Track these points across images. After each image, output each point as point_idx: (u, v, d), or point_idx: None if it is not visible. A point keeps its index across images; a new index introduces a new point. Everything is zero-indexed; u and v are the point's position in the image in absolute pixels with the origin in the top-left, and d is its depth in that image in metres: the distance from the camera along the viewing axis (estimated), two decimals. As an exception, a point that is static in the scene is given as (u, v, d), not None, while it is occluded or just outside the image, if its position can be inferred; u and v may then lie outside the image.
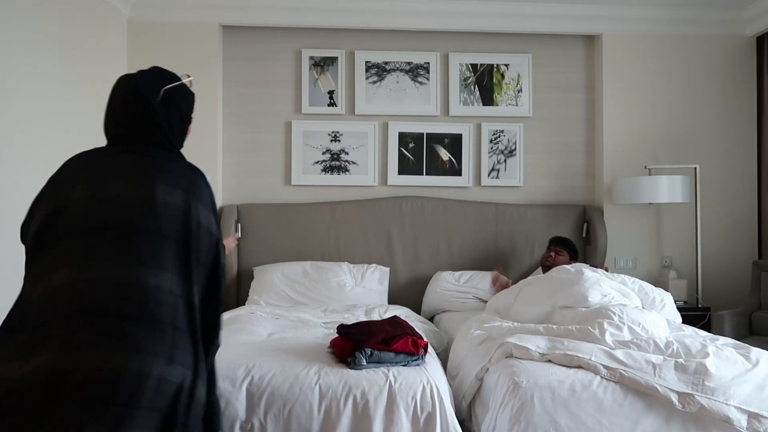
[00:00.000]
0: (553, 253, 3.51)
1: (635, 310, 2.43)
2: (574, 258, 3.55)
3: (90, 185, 1.39)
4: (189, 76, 1.60)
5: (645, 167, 3.93)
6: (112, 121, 1.50)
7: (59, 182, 1.42)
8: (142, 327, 1.26)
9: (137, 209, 1.35)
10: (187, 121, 1.58)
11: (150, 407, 1.22)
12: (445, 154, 4.08)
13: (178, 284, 1.33)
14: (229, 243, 2.19)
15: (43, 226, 1.36)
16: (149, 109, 1.45)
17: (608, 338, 2.14)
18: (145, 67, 1.59)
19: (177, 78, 1.54)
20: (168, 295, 1.30)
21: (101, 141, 1.56)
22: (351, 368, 2.01)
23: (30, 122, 2.76)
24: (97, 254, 1.30)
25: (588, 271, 2.72)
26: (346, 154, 4.04)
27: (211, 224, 1.44)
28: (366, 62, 4.06)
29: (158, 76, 1.53)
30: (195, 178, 1.47)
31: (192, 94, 1.60)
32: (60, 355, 1.20)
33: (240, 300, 3.69)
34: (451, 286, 3.60)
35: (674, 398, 1.89)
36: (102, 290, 1.26)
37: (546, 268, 3.47)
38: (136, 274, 1.28)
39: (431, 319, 3.56)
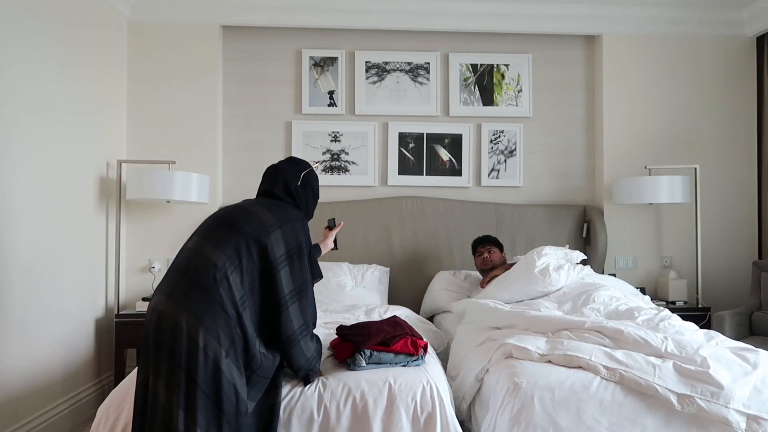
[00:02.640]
0: (486, 254, 3.48)
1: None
2: (501, 249, 3.56)
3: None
4: (316, 162, 2.28)
5: (645, 167, 3.93)
6: (265, 189, 2.07)
7: None
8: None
9: (236, 214, 1.87)
10: (317, 196, 2.15)
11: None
12: (445, 155, 4.08)
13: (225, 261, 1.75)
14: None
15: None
16: (293, 192, 2.04)
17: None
18: (146, 66, 1.61)
19: (309, 165, 2.11)
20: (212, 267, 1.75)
21: (100, 140, 1.57)
22: (350, 369, 2.01)
23: (30, 121, 2.75)
24: (199, 233, 1.85)
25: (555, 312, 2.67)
26: (347, 154, 4.04)
27: (277, 245, 1.83)
28: (366, 62, 4.05)
29: (296, 164, 2.10)
30: (294, 218, 1.94)
31: (317, 176, 2.16)
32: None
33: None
34: (451, 286, 3.60)
35: (674, 399, 1.89)
36: (186, 256, 1.79)
37: (487, 272, 3.44)
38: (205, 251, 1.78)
39: (431, 319, 3.55)
